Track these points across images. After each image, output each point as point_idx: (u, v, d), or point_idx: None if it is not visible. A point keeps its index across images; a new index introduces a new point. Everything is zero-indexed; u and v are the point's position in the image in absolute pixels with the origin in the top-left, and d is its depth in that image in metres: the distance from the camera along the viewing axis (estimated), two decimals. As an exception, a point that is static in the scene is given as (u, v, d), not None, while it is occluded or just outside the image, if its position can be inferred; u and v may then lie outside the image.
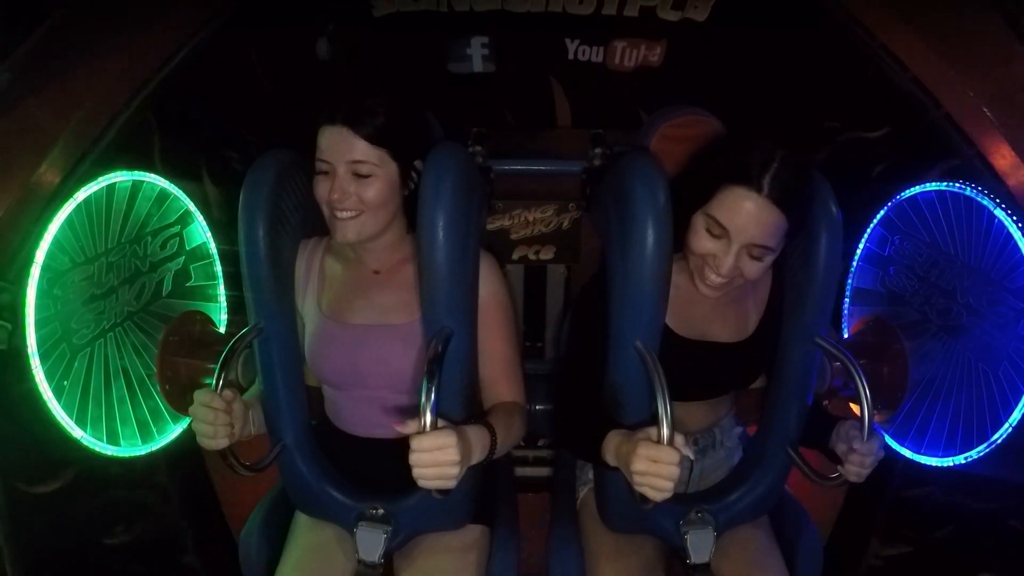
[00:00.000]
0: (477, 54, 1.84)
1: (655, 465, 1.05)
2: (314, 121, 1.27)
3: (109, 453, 1.33)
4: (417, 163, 1.29)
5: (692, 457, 1.09)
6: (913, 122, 1.49)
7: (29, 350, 1.16)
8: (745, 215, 1.17)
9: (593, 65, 1.85)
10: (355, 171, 1.24)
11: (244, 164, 1.81)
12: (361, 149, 1.23)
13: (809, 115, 1.81)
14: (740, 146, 1.22)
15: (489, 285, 1.36)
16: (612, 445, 1.16)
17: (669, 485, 1.05)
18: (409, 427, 1.08)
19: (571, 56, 1.85)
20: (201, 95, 1.64)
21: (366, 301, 1.37)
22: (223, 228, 1.69)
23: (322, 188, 1.26)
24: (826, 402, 1.49)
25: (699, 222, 1.23)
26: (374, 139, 1.23)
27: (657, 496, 1.07)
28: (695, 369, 1.38)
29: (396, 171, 1.27)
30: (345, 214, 1.25)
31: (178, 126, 1.56)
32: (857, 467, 1.22)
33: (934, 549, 1.64)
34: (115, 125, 1.33)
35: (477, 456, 1.17)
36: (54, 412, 1.21)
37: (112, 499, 1.51)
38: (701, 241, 1.23)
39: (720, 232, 1.20)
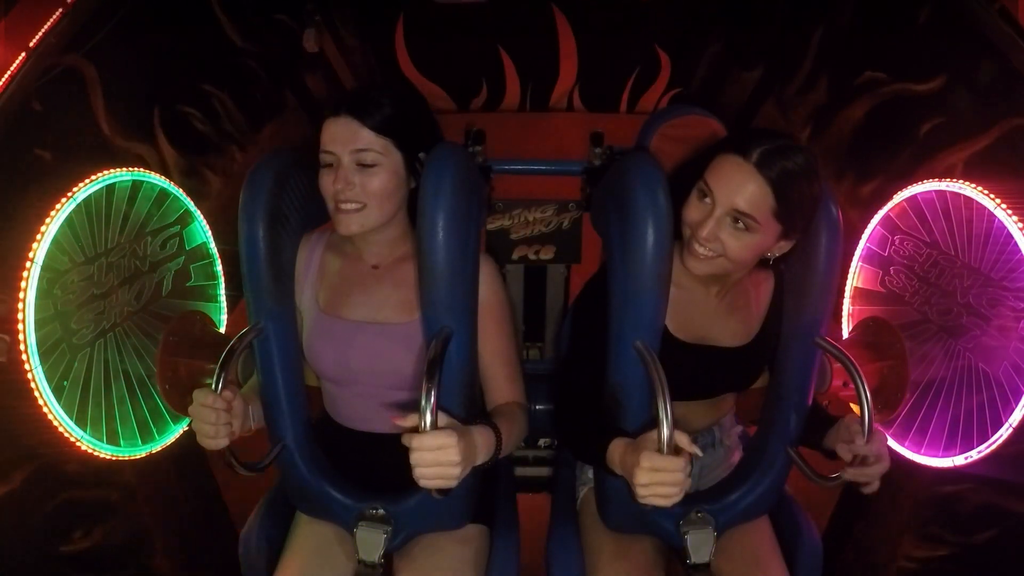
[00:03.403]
0: None
1: (659, 475, 1.05)
2: (290, 78, 1.20)
3: (109, 454, 1.33)
4: (422, 155, 1.29)
5: (700, 454, 1.10)
6: (976, 67, 1.36)
7: (29, 350, 1.17)
8: (730, 178, 1.19)
9: None
10: (360, 160, 1.24)
11: (206, 122, 1.69)
12: (366, 137, 1.24)
13: (847, 63, 1.64)
14: (751, 127, 1.23)
15: (489, 287, 1.36)
16: (616, 455, 1.17)
17: (675, 491, 1.07)
18: (407, 421, 1.08)
19: None
20: (151, 44, 1.51)
21: (362, 296, 1.37)
22: (191, 193, 1.57)
23: (326, 180, 1.26)
24: (826, 402, 1.49)
25: (694, 190, 1.26)
26: (379, 128, 1.24)
27: (664, 503, 1.08)
28: (694, 372, 1.38)
29: (401, 162, 1.28)
30: (349, 206, 1.25)
31: (123, 78, 1.43)
32: (864, 475, 1.22)
33: (970, 552, 1.59)
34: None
35: (482, 457, 1.17)
36: (56, 412, 1.21)
37: (71, 501, 1.44)
38: (691, 209, 1.26)
39: (708, 194, 1.22)
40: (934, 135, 1.51)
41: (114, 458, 1.35)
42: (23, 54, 1.24)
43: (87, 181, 1.27)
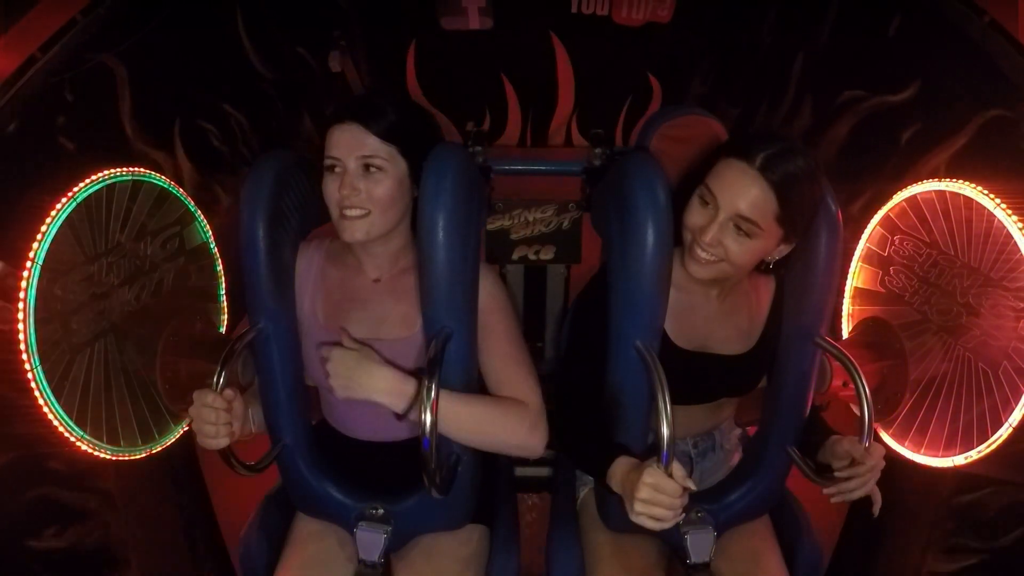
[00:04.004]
0: (473, 6, 1.71)
1: (659, 495, 1.06)
2: (304, 100, 1.21)
3: (109, 454, 1.33)
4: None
5: (694, 488, 1.11)
6: (947, 67, 1.41)
7: (29, 350, 1.17)
8: (733, 183, 1.18)
9: (598, 19, 1.70)
10: (366, 164, 1.24)
11: (223, 140, 1.72)
12: (372, 144, 1.24)
13: (827, 85, 1.69)
14: (752, 131, 1.23)
15: (489, 293, 1.34)
16: (618, 474, 1.17)
17: (669, 515, 1.07)
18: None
19: (575, 8, 1.70)
20: (180, 57, 1.55)
21: (363, 312, 1.36)
22: (201, 208, 1.60)
23: (331, 187, 1.25)
24: (826, 402, 1.49)
25: (695, 195, 1.25)
26: (385, 135, 1.24)
27: (655, 526, 1.08)
28: (695, 379, 1.38)
29: (405, 169, 1.27)
30: (354, 212, 1.24)
31: (150, 85, 1.47)
32: (861, 487, 1.22)
33: (998, 556, 1.56)
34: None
35: (380, 393, 1.22)
36: (56, 412, 1.21)
37: (49, 498, 1.41)
38: (693, 214, 1.25)
39: (710, 200, 1.21)
40: (915, 142, 1.53)
41: (113, 458, 1.35)
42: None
43: (88, 181, 1.27)
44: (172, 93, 1.58)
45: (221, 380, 1.20)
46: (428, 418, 1.08)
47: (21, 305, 1.16)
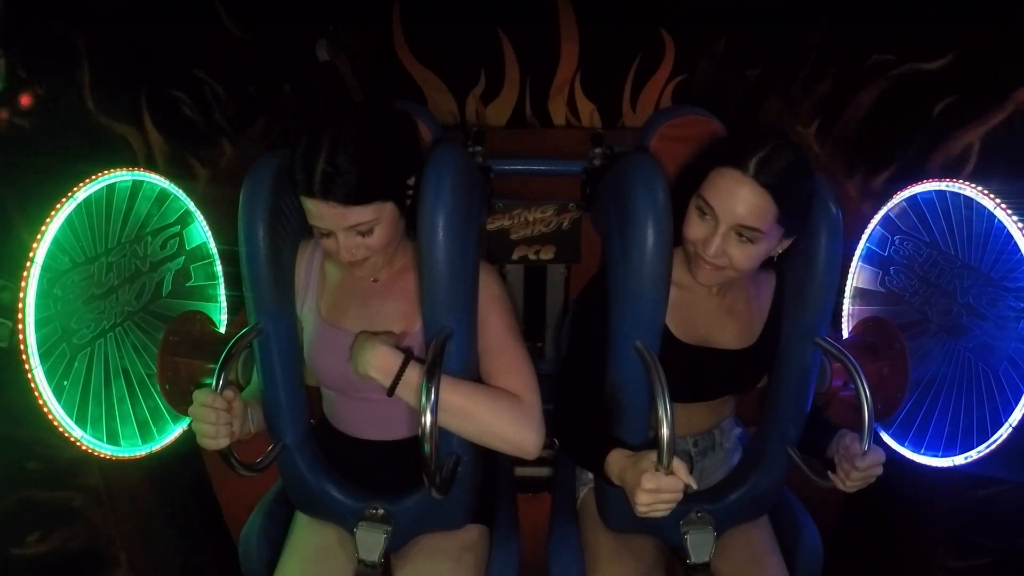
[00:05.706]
0: None
1: (660, 495, 1.08)
2: (288, 72, 1.13)
3: (109, 453, 1.33)
4: (410, 180, 1.26)
5: (695, 486, 1.12)
6: (986, 34, 1.33)
7: (29, 350, 1.17)
8: (731, 194, 1.18)
9: None
10: (356, 231, 1.21)
11: (196, 110, 1.63)
12: (353, 215, 1.18)
13: (854, 49, 1.60)
14: (737, 134, 1.24)
15: (486, 285, 1.35)
16: (616, 468, 1.18)
17: (673, 505, 1.10)
18: None
19: None
20: (142, 19, 1.44)
21: (363, 309, 1.36)
22: (177, 183, 1.50)
23: (329, 244, 1.24)
24: (827, 404, 1.49)
25: (692, 206, 1.25)
26: (361, 199, 1.17)
27: (661, 515, 1.11)
28: (696, 374, 1.38)
29: (393, 207, 1.23)
30: (356, 260, 1.25)
31: (112, 52, 1.37)
32: (857, 482, 1.24)
33: (1013, 558, 1.53)
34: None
35: (372, 370, 1.21)
36: (55, 412, 1.22)
37: (30, 501, 1.37)
38: (692, 226, 1.25)
39: (709, 212, 1.21)
40: (948, 115, 1.45)
41: (113, 458, 1.35)
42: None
43: (88, 181, 1.27)
44: (136, 61, 1.46)
45: (221, 380, 1.20)
46: (428, 418, 1.08)
47: (21, 306, 1.16)
